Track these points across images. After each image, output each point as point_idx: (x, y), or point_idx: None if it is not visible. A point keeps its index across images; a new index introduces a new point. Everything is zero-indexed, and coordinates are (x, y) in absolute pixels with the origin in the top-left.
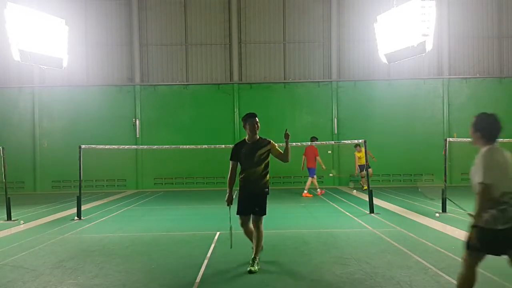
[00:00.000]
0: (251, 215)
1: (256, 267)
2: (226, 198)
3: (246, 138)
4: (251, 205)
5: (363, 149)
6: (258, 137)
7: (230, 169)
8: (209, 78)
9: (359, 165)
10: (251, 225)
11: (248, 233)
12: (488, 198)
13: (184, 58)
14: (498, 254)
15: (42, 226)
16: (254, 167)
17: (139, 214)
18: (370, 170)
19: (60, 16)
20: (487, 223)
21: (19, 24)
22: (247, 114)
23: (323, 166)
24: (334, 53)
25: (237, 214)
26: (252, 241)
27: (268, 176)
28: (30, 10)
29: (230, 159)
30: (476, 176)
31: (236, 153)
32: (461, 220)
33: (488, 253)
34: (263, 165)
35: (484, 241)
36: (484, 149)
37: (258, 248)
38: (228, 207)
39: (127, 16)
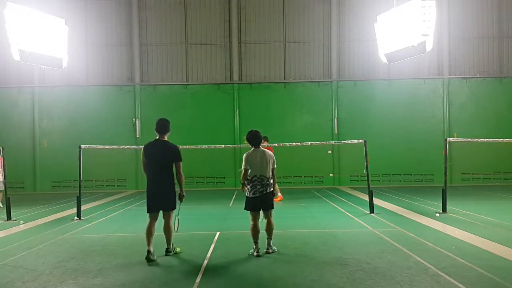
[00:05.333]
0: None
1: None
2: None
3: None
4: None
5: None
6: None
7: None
8: (209, 78)
9: None
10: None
11: None
12: (245, 176)
13: (184, 58)
14: (258, 210)
15: (42, 226)
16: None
17: (139, 214)
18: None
19: (60, 16)
20: (248, 194)
21: (19, 24)
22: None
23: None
24: (334, 53)
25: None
26: None
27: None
28: (30, 10)
29: None
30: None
31: None
32: (461, 220)
33: (255, 211)
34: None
35: (250, 204)
36: (250, 151)
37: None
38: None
39: (127, 16)
